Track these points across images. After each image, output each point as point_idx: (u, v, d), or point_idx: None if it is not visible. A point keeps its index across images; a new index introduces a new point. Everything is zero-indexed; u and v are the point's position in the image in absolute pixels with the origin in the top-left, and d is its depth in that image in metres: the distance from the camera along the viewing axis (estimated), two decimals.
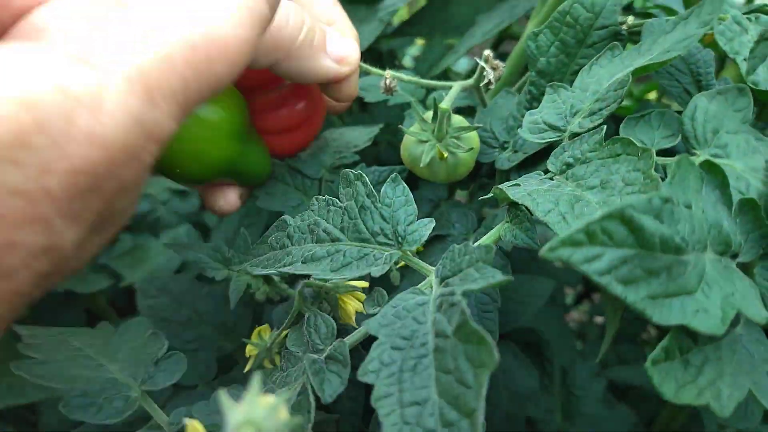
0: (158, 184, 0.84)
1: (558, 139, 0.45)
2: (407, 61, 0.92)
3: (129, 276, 0.75)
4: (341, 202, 0.38)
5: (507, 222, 0.38)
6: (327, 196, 0.39)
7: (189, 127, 0.43)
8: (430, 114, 0.49)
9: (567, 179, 0.40)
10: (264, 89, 0.51)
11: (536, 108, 0.52)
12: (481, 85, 0.51)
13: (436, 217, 0.54)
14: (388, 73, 0.47)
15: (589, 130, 0.42)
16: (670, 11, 0.65)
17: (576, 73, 0.50)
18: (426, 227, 0.36)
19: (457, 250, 0.33)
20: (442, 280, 0.33)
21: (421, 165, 0.46)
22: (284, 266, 0.37)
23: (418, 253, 0.51)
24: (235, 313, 0.59)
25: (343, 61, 0.45)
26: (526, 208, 0.36)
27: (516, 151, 0.52)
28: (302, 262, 0.36)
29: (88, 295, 0.71)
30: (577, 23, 0.49)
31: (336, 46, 0.45)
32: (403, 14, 1.00)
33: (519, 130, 0.52)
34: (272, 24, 0.40)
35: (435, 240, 0.52)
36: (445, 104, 0.45)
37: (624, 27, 0.49)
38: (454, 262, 0.33)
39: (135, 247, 0.77)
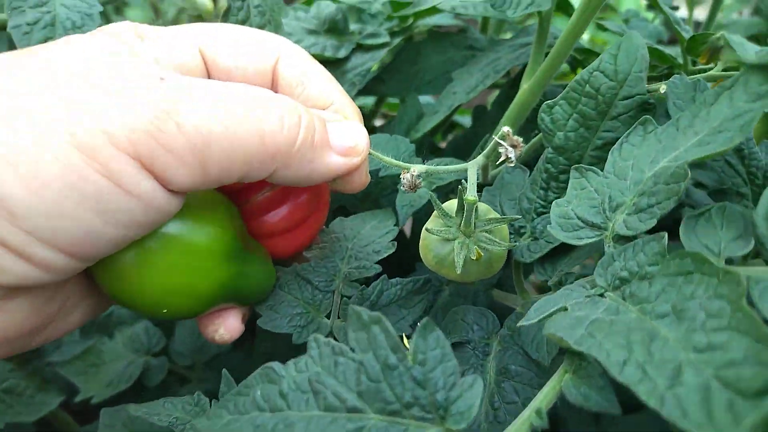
0: None
1: (597, 239, 0.38)
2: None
3: (84, 386, 0.65)
4: (353, 351, 0.30)
5: (567, 372, 0.31)
6: (331, 341, 0.31)
7: (174, 256, 0.35)
8: (450, 204, 0.42)
9: (625, 299, 0.33)
10: (257, 189, 0.42)
11: (554, 188, 0.45)
12: (497, 164, 0.44)
13: (450, 318, 0.47)
14: (414, 168, 0.39)
15: (640, 234, 0.35)
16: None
17: (599, 148, 0.44)
18: (473, 391, 0.28)
19: None
20: None
21: (457, 270, 0.38)
22: None
23: None
24: None
25: (351, 152, 0.38)
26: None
27: (536, 239, 0.45)
28: None
29: None
30: (599, 93, 0.43)
31: (341, 135, 0.38)
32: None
33: (539, 218, 0.45)
34: (265, 130, 0.33)
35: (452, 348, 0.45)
36: (472, 194, 0.38)
37: (653, 94, 0.43)
38: None
39: (86, 350, 0.67)
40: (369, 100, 0.87)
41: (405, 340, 0.44)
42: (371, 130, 0.77)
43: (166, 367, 0.65)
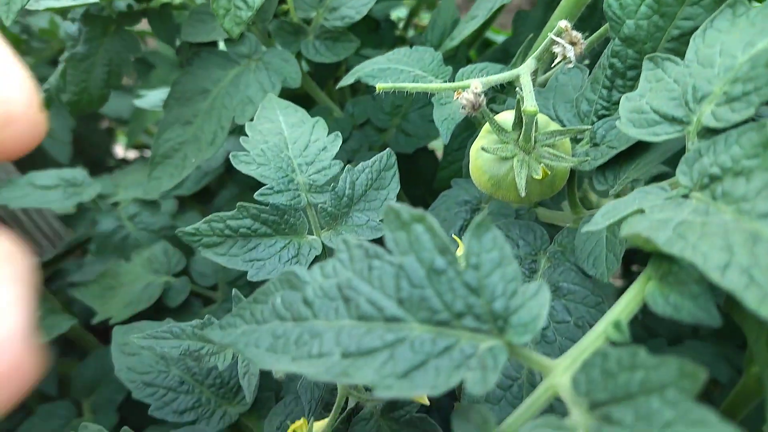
0: (122, 194, 0.70)
1: (678, 134, 0.32)
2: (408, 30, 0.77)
3: (101, 309, 0.62)
4: (390, 253, 0.26)
5: (652, 278, 0.26)
6: (363, 242, 0.26)
7: None
8: (504, 116, 0.37)
9: (715, 199, 0.27)
10: None
11: (620, 87, 0.39)
12: (552, 66, 0.38)
13: None
14: (476, 83, 0.33)
15: (734, 126, 0.29)
16: None
17: (675, 39, 0.38)
18: (538, 300, 0.23)
19: (614, 358, 0.21)
20: (594, 405, 0.21)
21: (521, 192, 0.34)
22: (313, 359, 0.24)
23: None
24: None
25: None
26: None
27: (596, 144, 0.39)
28: (342, 356, 0.24)
29: None
30: None
31: None
32: None
33: (600, 121, 0.39)
34: None
35: None
36: (531, 104, 0.32)
37: None
38: (610, 378, 0.21)
39: (103, 273, 0.63)
40: (402, 12, 0.80)
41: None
42: (401, 41, 0.70)
43: (188, 287, 0.62)
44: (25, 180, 0.65)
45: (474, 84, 0.33)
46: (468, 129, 0.56)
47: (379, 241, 0.27)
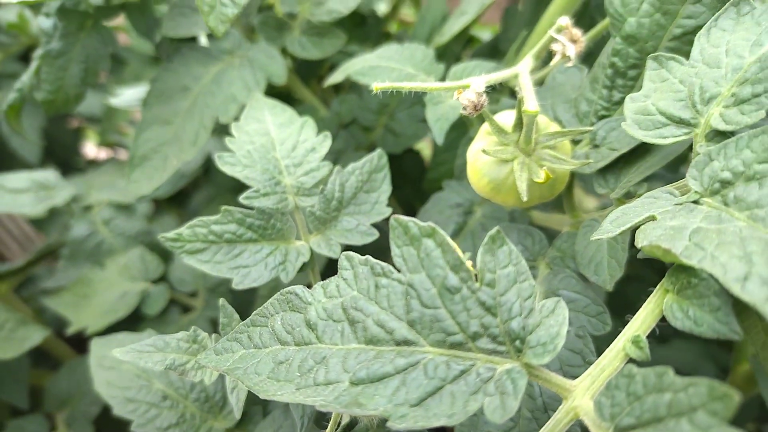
0: (96, 197, 0.67)
1: (686, 137, 0.31)
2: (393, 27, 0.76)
3: (75, 318, 0.59)
4: (398, 271, 0.24)
5: (669, 292, 0.25)
6: (369, 258, 0.25)
7: None
8: (502, 117, 0.36)
9: (727, 205, 0.26)
10: None
11: (621, 87, 0.38)
12: (552, 63, 0.37)
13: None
14: (477, 82, 0.32)
15: (745, 128, 0.28)
16: None
17: (677, 38, 0.37)
18: (557, 317, 0.22)
19: (640, 380, 0.20)
20: (621, 430, 0.19)
21: (523, 197, 0.32)
22: (319, 387, 0.23)
23: None
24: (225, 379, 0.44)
25: None
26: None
27: (597, 146, 0.38)
28: (351, 383, 0.22)
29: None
30: None
31: None
32: None
33: (600, 122, 0.38)
34: None
35: None
36: (532, 105, 0.31)
37: None
38: (636, 399, 0.19)
39: (77, 281, 0.61)
40: (382, 5, 0.79)
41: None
42: (386, 37, 0.69)
43: (168, 294, 0.59)
44: None
45: (476, 83, 0.31)
46: (456, 129, 0.55)
47: (379, 251, 0.26)
